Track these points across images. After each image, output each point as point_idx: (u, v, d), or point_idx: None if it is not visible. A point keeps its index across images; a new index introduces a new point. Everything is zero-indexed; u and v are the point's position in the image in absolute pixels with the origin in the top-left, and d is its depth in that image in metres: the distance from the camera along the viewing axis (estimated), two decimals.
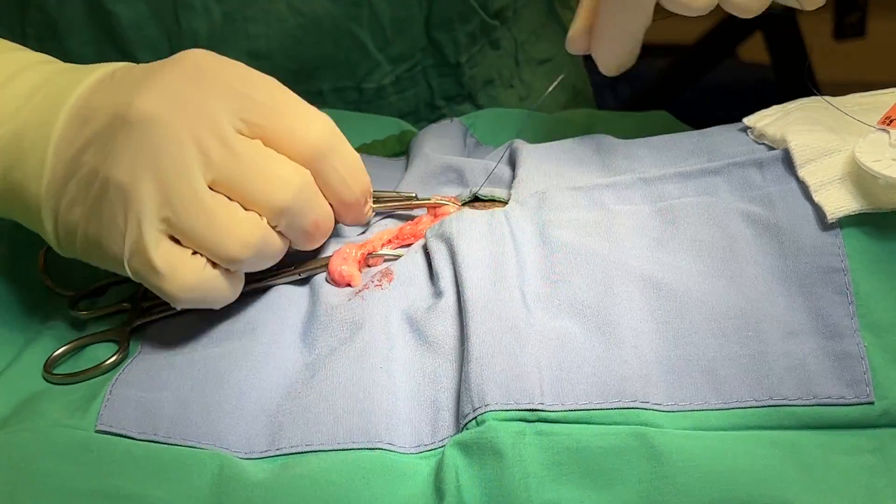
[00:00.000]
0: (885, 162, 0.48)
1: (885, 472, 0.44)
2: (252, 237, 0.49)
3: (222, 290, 0.51)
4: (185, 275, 0.49)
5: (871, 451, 0.44)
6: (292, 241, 0.52)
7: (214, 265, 0.50)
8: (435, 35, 0.76)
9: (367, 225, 0.58)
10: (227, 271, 0.50)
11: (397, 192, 0.59)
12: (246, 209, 0.49)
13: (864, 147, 0.49)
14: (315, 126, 0.52)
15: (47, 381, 0.52)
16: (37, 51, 0.56)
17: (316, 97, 0.75)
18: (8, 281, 0.58)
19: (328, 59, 0.73)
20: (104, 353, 0.53)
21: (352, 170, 0.53)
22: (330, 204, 0.53)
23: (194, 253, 0.49)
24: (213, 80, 0.50)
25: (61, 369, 0.52)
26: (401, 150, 0.69)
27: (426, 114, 0.80)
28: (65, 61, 0.56)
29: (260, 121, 0.50)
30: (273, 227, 0.51)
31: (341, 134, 0.53)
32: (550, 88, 0.65)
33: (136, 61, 0.67)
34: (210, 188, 0.49)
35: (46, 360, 0.52)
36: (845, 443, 0.45)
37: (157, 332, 0.54)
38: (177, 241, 0.49)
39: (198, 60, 0.51)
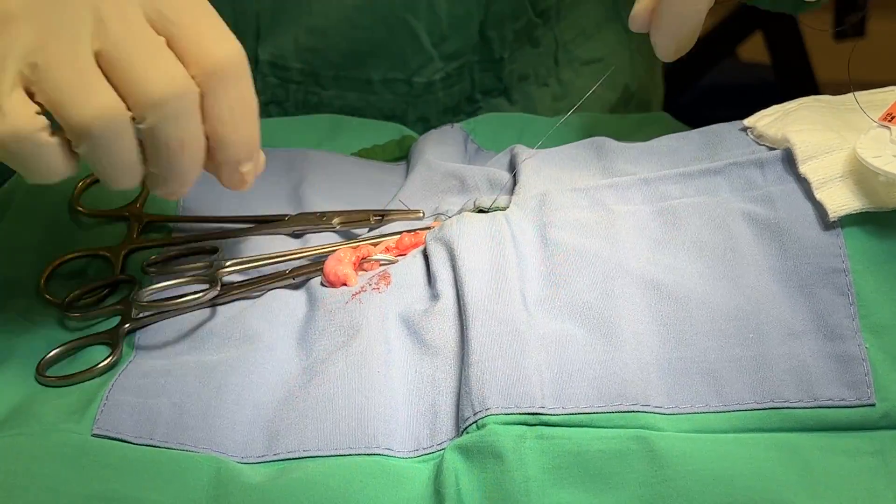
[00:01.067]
0: (885, 158, 0.48)
1: (886, 474, 0.44)
2: (109, 111, 0.46)
3: (44, 159, 0.46)
4: (15, 123, 0.45)
5: (872, 453, 0.44)
6: (149, 155, 0.48)
7: (53, 134, 0.46)
8: (487, 33, 0.76)
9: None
10: (62, 148, 0.47)
11: (406, 210, 0.59)
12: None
13: (865, 143, 0.49)
14: (224, 45, 0.49)
15: (40, 383, 0.51)
16: None
17: (366, 86, 0.75)
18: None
19: (381, 47, 0.73)
20: (97, 355, 0.52)
21: (245, 109, 0.50)
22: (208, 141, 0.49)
23: (39, 113, 0.46)
24: None
25: (53, 371, 0.52)
26: (401, 154, 0.69)
27: (465, 107, 0.79)
28: None
29: (172, 17, 0.47)
30: (137, 125, 0.47)
31: (249, 70, 0.50)
32: (594, 87, 0.64)
33: None
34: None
35: (39, 363, 0.52)
36: (846, 445, 0.44)
37: (151, 336, 0.53)
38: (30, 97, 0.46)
39: None
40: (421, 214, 0.59)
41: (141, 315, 0.54)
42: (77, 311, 0.56)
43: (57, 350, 0.53)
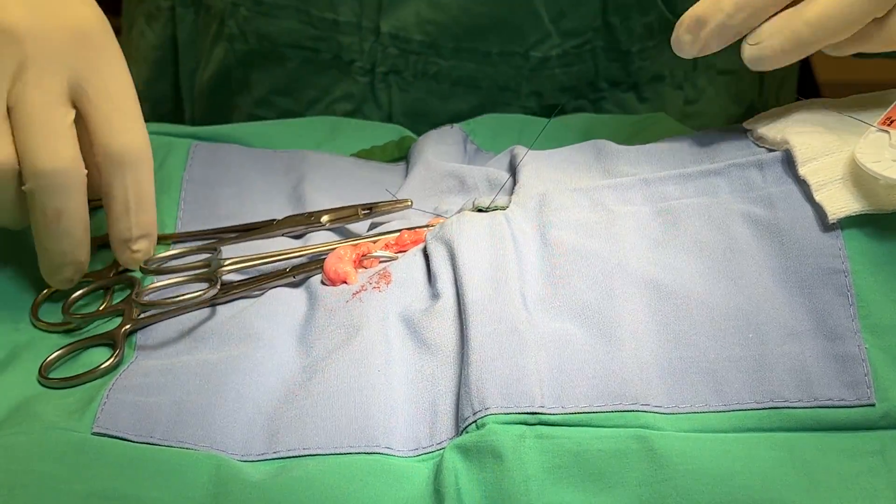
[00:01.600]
0: (884, 163, 0.48)
1: (886, 474, 0.44)
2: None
3: None
4: None
5: (872, 453, 0.44)
6: (31, 216, 0.53)
7: None
8: (610, 18, 0.75)
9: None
10: None
11: (393, 201, 0.59)
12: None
13: (864, 148, 0.49)
14: (128, 135, 0.53)
15: (42, 385, 0.51)
16: None
17: (484, 58, 0.75)
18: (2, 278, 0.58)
19: (500, 21, 0.74)
20: (99, 356, 0.52)
21: (139, 196, 0.54)
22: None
23: None
24: (91, 40, 0.52)
25: (56, 373, 0.52)
26: (400, 155, 0.69)
27: (586, 93, 0.79)
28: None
29: (91, 96, 0.52)
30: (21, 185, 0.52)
31: (149, 160, 0.54)
32: (528, 148, 0.64)
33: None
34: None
35: (41, 365, 0.52)
36: (846, 445, 0.44)
37: (152, 336, 0.53)
38: None
39: (98, 20, 0.53)
40: (409, 203, 0.59)
41: (142, 315, 0.54)
42: (77, 312, 0.56)
43: (58, 352, 0.53)
